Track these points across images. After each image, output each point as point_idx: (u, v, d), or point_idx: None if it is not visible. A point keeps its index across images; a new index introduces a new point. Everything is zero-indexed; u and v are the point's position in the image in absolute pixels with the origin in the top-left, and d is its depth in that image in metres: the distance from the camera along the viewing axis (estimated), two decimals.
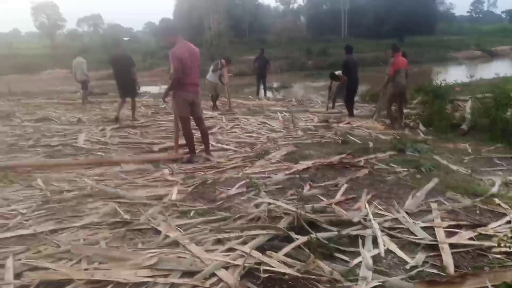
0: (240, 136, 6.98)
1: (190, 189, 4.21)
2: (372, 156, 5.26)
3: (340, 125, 7.87)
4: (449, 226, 3.16)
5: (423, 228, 3.13)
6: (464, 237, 2.97)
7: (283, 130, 7.39)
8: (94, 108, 11.12)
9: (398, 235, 3.04)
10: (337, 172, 4.67)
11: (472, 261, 2.69)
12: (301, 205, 3.40)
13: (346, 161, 5.00)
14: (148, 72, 29.85)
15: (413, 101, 9.69)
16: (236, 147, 6.14)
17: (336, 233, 3.03)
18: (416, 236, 3.01)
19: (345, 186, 4.15)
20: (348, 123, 8.06)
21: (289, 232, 3.00)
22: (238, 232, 3.10)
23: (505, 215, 3.31)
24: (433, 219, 3.31)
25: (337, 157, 5.16)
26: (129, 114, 9.00)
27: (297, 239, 2.90)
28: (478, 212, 3.46)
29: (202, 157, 5.47)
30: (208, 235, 3.08)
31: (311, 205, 3.56)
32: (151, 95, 14.03)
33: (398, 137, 6.26)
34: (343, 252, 2.80)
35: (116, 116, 8.42)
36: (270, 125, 7.90)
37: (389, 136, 6.55)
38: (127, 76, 8.50)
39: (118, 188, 4.27)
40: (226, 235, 3.05)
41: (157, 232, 3.20)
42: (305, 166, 4.84)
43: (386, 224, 3.23)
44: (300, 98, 13.56)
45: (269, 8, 71.45)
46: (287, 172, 4.67)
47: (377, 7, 49.19)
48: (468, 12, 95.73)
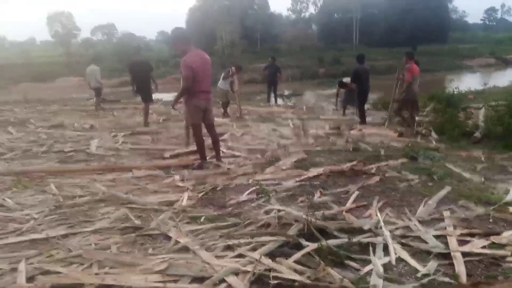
0: (251, 143, 6.99)
1: (201, 195, 4.22)
2: (384, 164, 5.23)
3: (352, 132, 7.84)
4: (462, 235, 3.11)
5: (435, 236, 3.09)
6: (477, 246, 2.93)
7: (294, 137, 7.39)
8: (107, 115, 11.26)
9: (410, 243, 3.01)
10: (348, 180, 4.65)
11: (485, 270, 2.64)
12: (312, 212, 3.38)
13: (358, 169, 4.97)
14: (161, 80, 30.09)
15: (426, 109, 9.63)
16: (247, 154, 6.15)
17: (347, 241, 3.01)
18: (428, 244, 2.98)
19: (356, 194, 4.12)
20: (360, 130, 8.02)
21: (299, 239, 2.99)
22: (248, 239, 3.10)
23: None
24: (445, 227, 3.26)
25: (348, 164, 5.14)
26: (141, 121, 9.10)
27: (307, 246, 2.89)
28: (492, 221, 3.40)
29: (213, 164, 5.49)
30: (218, 241, 3.09)
31: (322, 212, 3.54)
32: (163, 103, 14.15)
33: (410, 145, 6.21)
34: (354, 260, 2.78)
35: (146, 122, 8.95)
36: (281, 132, 7.90)
37: (401, 144, 6.50)
38: (146, 82, 8.85)
39: (130, 194, 4.31)
40: (236, 241, 3.06)
41: (168, 238, 3.21)
42: (316, 173, 4.83)
43: (398, 232, 3.20)
44: (312, 106, 13.54)
45: (281, 17, 71.62)
46: (298, 179, 4.66)
47: (389, 16, 49.12)
48: (482, 20, 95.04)
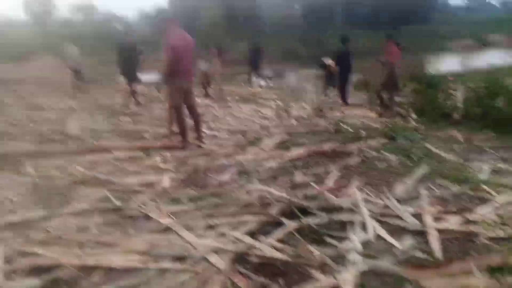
0: (233, 124, 6.97)
1: (182, 176, 4.21)
2: (364, 144, 5.29)
3: (333, 114, 7.87)
4: (438, 212, 3.19)
5: (412, 215, 3.16)
6: (452, 223, 3.01)
7: (276, 118, 7.39)
8: (86, 96, 11.03)
9: (388, 221, 3.08)
10: (329, 160, 4.69)
11: (460, 246, 2.72)
12: (293, 192, 3.41)
13: (338, 149, 5.02)
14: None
15: (406, 90, 9.70)
16: (229, 135, 6.14)
17: (327, 219, 3.06)
18: (405, 222, 3.05)
19: (337, 174, 4.17)
20: (341, 112, 8.06)
21: (281, 218, 3.03)
22: (230, 218, 3.13)
23: (493, 202, 3.35)
24: (422, 205, 3.34)
25: (330, 145, 5.18)
26: (121, 102, 8.96)
27: (288, 225, 2.93)
28: (467, 199, 3.49)
29: (195, 145, 5.47)
30: (200, 221, 3.10)
31: (303, 192, 3.58)
32: (144, 84, 13.89)
33: (390, 126, 6.28)
34: (333, 237, 2.83)
35: (136, 102, 9.07)
36: (263, 113, 7.89)
37: (381, 125, 6.57)
38: (134, 64, 8.84)
39: (110, 175, 4.27)
40: (218, 221, 3.08)
41: (149, 219, 3.21)
42: (298, 154, 4.86)
43: (376, 210, 3.26)
44: (294, 87, 13.51)
45: None
46: (280, 160, 4.69)
47: None
48: (465, 3, 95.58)
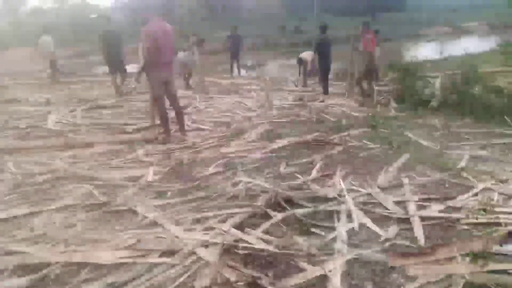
0: (215, 116, 6.94)
1: (167, 170, 4.19)
2: (346, 134, 5.35)
3: (315, 103, 7.92)
4: (420, 200, 3.28)
5: (395, 202, 3.24)
6: (434, 210, 3.10)
7: (258, 109, 7.39)
8: (63, 88, 10.77)
9: (372, 210, 3.15)
10: (312, 150, 4.74)
11: (442, 233, 2.81)
12: (278, 183, 3.44)
13: (321, 139, 5.08)
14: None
15: (385, 78, 9.82)
16: (212, 127, 6.11)
17: (312, 209, 3.10)
18: (389, 210, 3.12)
19: (320, 163, 4.22)
20: (322, 101, 8.12)
21: (267, 210, 3.06)
22: (217, 211, 3.14)
23: (473, 188, 3.46)
24: (405, 194, 3.42)
25: (312, 135, 5.23)
26: (100, 94, 8.81)
27: (275, 216, 2.97)
28: (447, 186, 3.59)
29: (178, 137, 5.43)
30: (187, 215, 3.11)
31: (288, 183, 3.61)
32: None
33: (371, 114, 6.37)
34: (319, 227, 2.88)
35: (119, 91, 8.88)
36: (245, 104, 7.88)
37: (362, 114, 6.65)
38: (117, 53, 8.76)
39: (92, 170, 4.21)
40: (205, 214, 3.09)
41: (135, 214, 3.20)
42: (281, 145, 4.89)
43: (360, 199, 3.33)
44: (275, 77, 13.50)
45: None
46: (263, 151, 4.71)
47: None
48: None
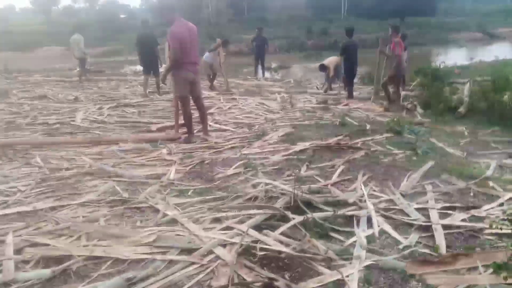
0: (238, 117, 6.97)
1: (188, 169, 4.24)
2: (369, 138, 5.29)
3: (339, 107, 7.86)
4: (443, 208, 3.21)
5: (417, 210, 3.18)
6: (457, 219, 3.02)
7: (281, 111, 7.39)
8: (91, 86, 11.05)
9: (393, 216, 3.10)
10: (334, 154, 4.70)
11: (464, 242, 2.74)
12: (298, 186, 3.44)
13: (343, 143, 5.03)
14: None
15: (412, 83, 9.67)
16: (234, 128, 6.15)
17: (332, 213, 3.08)
18: (410, 217, 3.07)
19: (342, 168, 4.18)
20: (346, 105, 8.05)
21: (286, 212, 3.05)
22: (236, 211, 3.16)
23: (498, 198, 3.36)
24: (427, 201, 3.36)
25: (335, 139, 5.19)
26: (126, 92, 8.98)
27: (294, 219, 2.96)
28: (472, 195, 3.50)
29: (200, 137, 5.49)
30: (206, 214, 3.13)
31: (308, 186, 3.60)
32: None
33: (395, 120, 6.27)
34: (338, 232, 2.86)
35: (144, 93, 9.08)
36: (268, 106, 7.88)
37: (387, 118, 6.56)
38: (152, 55, 9.03)
39: (116, 167, 4.30)
40: (224, 214, 3.11)
41: (156, 211, 3.25)
42: (303, 147, 4.87)
43: (381, 205, 3.28)
44: (299, 79, 13.47)
45: None
46: (285, 153, 4.70)
47: None
48: None
